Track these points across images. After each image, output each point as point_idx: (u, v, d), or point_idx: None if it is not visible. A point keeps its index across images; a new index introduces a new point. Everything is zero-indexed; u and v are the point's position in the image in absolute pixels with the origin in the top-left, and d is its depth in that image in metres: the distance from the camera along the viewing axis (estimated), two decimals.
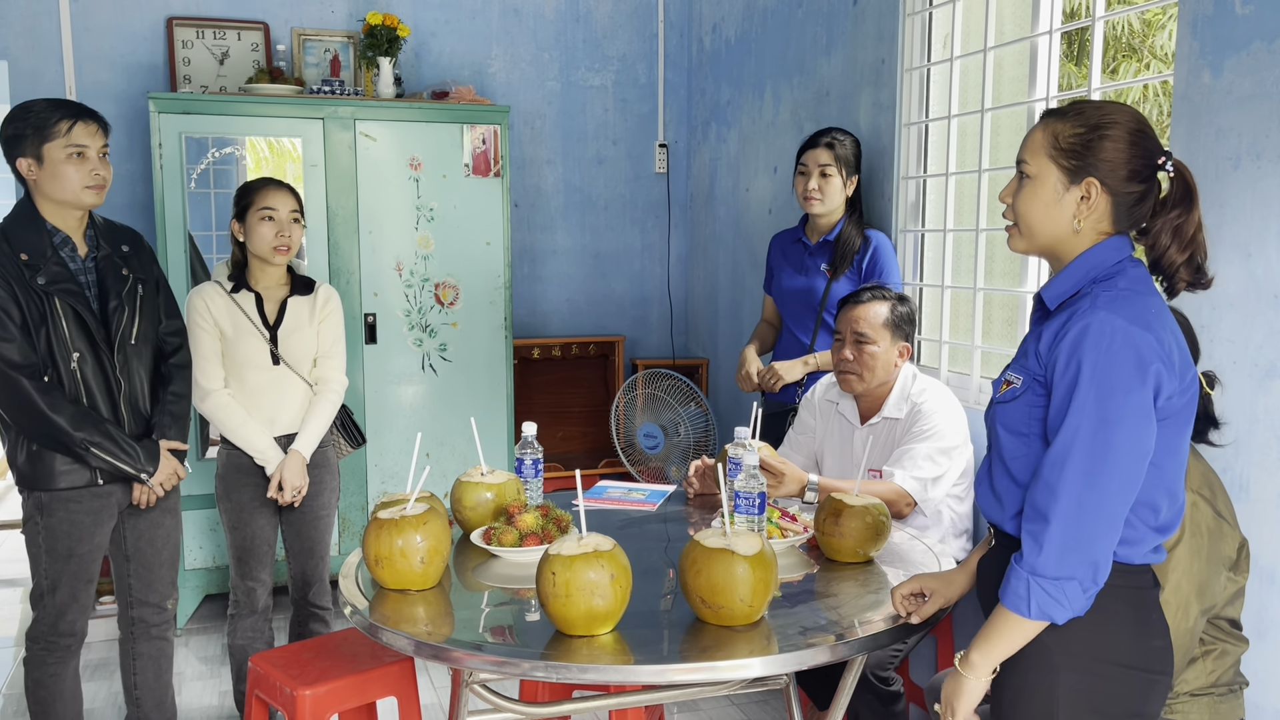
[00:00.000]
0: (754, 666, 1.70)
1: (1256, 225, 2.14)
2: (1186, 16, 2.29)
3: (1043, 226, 1.61)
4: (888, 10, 3.36)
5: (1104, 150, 1.56)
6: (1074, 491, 1.48)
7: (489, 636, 1.86)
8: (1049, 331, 1.58)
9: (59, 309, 2.46)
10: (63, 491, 2.50)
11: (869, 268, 3.14)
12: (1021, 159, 1.64)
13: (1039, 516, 1.52)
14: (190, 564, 3.99)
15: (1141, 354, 1.48)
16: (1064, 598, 1.49)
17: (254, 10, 4.36)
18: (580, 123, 4.95)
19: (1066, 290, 1.60)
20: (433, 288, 4.19)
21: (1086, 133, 1.57)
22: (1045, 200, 1.60)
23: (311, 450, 2.94)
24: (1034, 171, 1.61)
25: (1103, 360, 1.48)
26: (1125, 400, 1.47)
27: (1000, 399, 1.65)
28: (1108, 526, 1.49)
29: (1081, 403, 1.49)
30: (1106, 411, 1.47)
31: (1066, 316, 1.55)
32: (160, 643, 2.78)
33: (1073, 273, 1.60)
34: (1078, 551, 1.48)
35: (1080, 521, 1.48)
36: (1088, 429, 1.48)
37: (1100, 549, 1.49)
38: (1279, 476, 2.12)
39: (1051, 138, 1.59)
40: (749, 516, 2.10)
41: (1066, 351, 1.51)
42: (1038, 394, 1.58)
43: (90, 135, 2.50)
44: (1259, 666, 2.15)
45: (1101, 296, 1.53)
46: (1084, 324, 1.50)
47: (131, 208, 4.21)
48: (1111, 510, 1.49)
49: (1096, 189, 1.57)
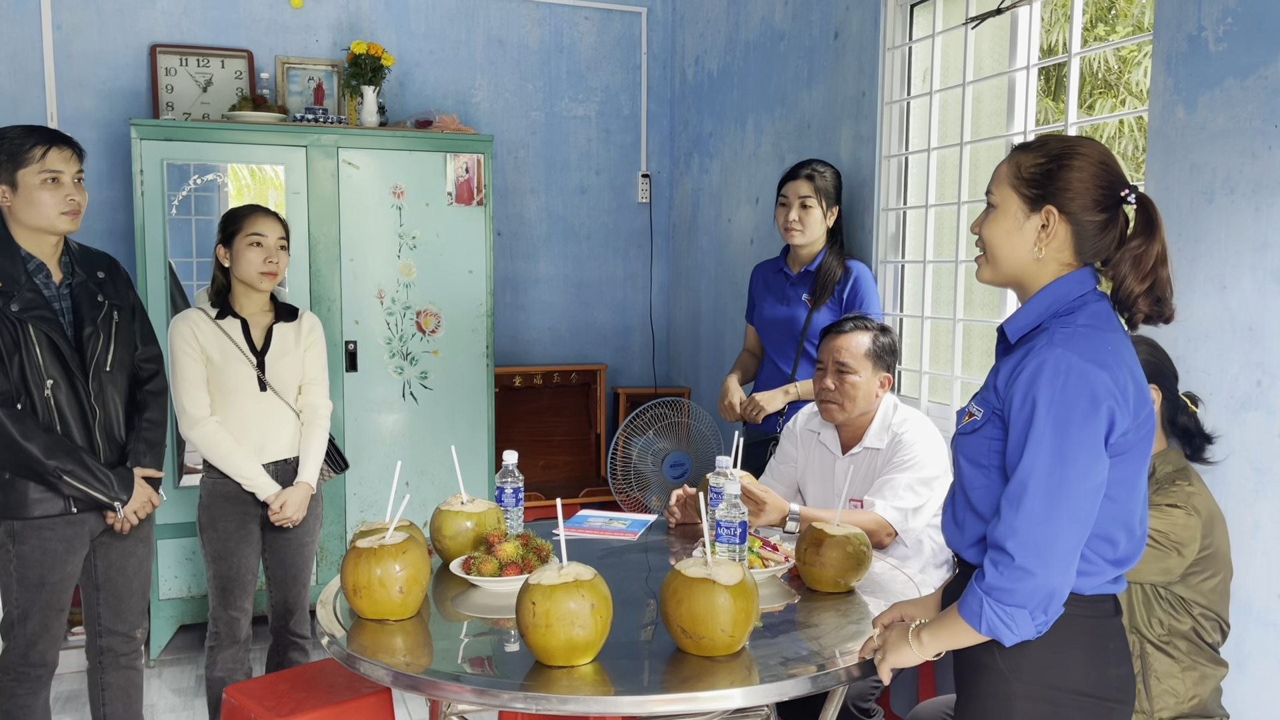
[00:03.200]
0: (735, 697, 1.69)
1: (1230, 258, 2.17)
2: (1161, 53, 2.33)
3: (1005, 255, 1.64)
4: (868, 45, 3.40)
5: (1063, 179, 1.59)
6: (1030, 526, 1.50)
7: (468, 667, 1.84)
8: (1006, 367, 1.61)
9: (33, 336, 2.44)
10: (36, 520, 2.47)
11: (850, 298, 3.16)
12: (989, 189, 1.67)
13: (996, 547, 1.54)
14: (165, 594, 3.94)
15: (1095, 392, 1.50)
16: (1013, 623, 1.52)
17: (238, 39, 4.38)
18: (563, 152, 4.98)
19: (1028, 324, 1.63)
20: (414, 316, 4.18)
21: (1047, 162, 1.60)
22: (1007, 228, 1.63)
23: (316, 479, 2.93)
24: (997, 200, 1.65)
25: (1057, 398, 1.50)
26: (1079, 437, 1.50)
27: (962, 430, 1.68)
28: (1062, 560, 1.51)
29: (1037, 439, 1.51)
30: (1061, 448, 1.50)
31: (1024, 352, 1.58)
32: (129, 672, 2.74)
33: (1034, 306, 1.63)
34: (1031, 583, 1.50)
35: (1035, 555, 1.50)
36: (1043, 465, 1.50)
37: (1054, 581, 1.51)
38: (1255, 507, 2.13)
39: (1015, 168, 1.63)
40: (730, 546, 2.10)
41: (1022, 388, 1.54)
42: (996, 427, 1.61)
43: (65, 161, 2.48)
44: (1239, 698, 2.16)
45: (1059, 333, 1.55)
46: (1039, 361, 1.53)
47: (112, 234, 4.20)
48: (1066, 544, 1.51)
49: (1055, 217, 1.59)
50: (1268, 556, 2.11)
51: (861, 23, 3.43)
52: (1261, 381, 2.11)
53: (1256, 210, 2.11)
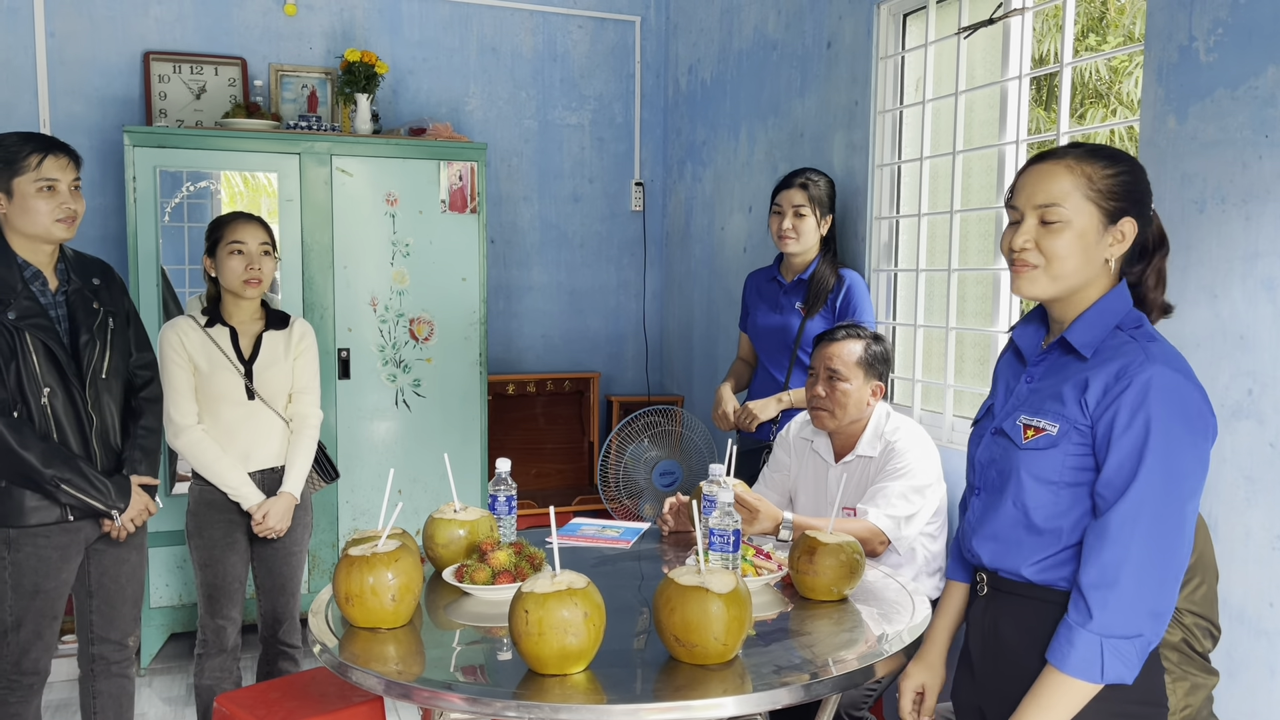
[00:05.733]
0: (728, 706, 1.69)
1: (1221, 268, 2.18)
2: (1152, 64, 2.34)
3: (1076, 268, 1.57)
4: (861, 54, 3.42)
5: (1139, 191, 1.58)
6: (1148, 550, 1.47)
7: (460, 676, 1.84)
8: (1098, 382, 1.53)
9: (29, 344, 2.43)
10: (32, 528, 2.46)
11: (843, 306, 3.17)
12: (1050, 203, 1.56)
13: (1108, 576, 1.48)
14: (156, 601, 3.93)
15: (1201, 409, 1.50)
16: (1134, 655, 1.48)
17: (232, 46, 4.38)
18: (557, 160, 4.99)
19: (1099, 337, 1.58)
20: (407, 323, 4.18)
21: (1125, 173, 1.57)
22: (1086, 242, 1.56)
23: (300, 489, 2.92)
24: (1069, 216, 1.55)
25: (1171, 418, 1.47)
26: (1192, 456, 1.48)
27: (1029, 445, 1.60)
28: (1174, 580, 1.49)
29: (1152, 461, 1.47)
30: (1178, 469, 1.47)
31: (1118, 368, 1.52)
32: (121, 680, 2.72)
33: (1099, 318, 1.58)
34: (1149, 607, 1.47)
35: (1153, 578, 1.47)
36: (1159, 487, 1.47)
37: (1167, 602, 1.49)
38: (1247, 515, 2.14)
39: (1086, 180, 1.55)
40: (723, 554, 2.10)
41: (1130, 407, 1.49)
42: (1077, 444, 1.55)
43: (61, 168, 2.48)
44: (1230, 707, 2.16)
45: (1150, 348, 1.52)
46: (1146, 378, 1.49)
47: (105, 241, 4.19)
48: (1179, 564, 1.49)
49: (1132, 228, 1.57)
50: (1260, 565, 2.12)
51: (854, 32, 3.45)
52: (1252, 390, 2.12)
53: (1247, 220, 2.12)
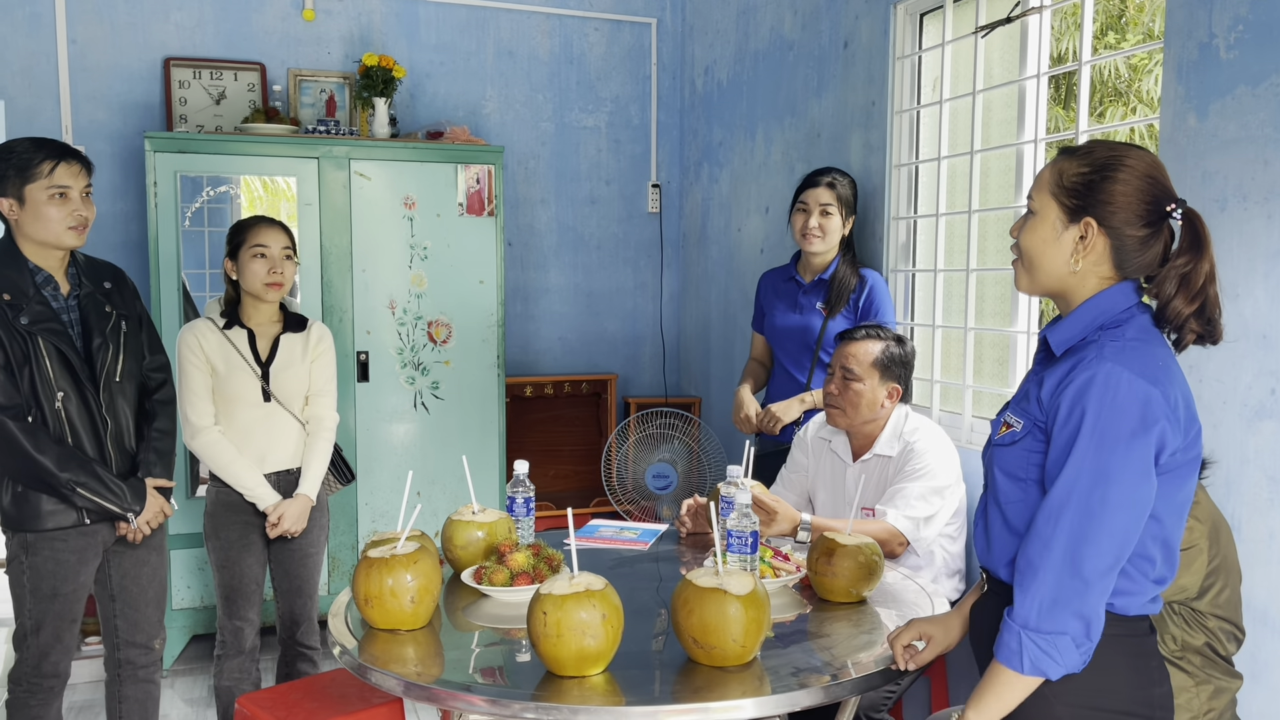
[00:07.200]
0: (746, 708, 1.69)
1: (1243, 266, 2.16)
2: (1172, 61, 2.32)
3: (1042, 265, 1.58)
4: (877, 54, 3.41)
5: (1105, 191, 1.53)
6: (1066, 545, 1.46)
7: (479, 677, 1.84)
8: (1052, 378, 1.54)
9: (43, 348, 2.45)
10: (48, 531, 2.48)
11: (865, 306, 3.15)
12: (1030, 194, 1.61)
13: (1030, 568, 1.49)
14: (177, 604, 3.95)
15: (1147, 409, 1.44)
16: (1057, 653, 1.46)
17: (251, 51, 4.40)
18: (574, 163, 4.99)
19: (1073, 336, 1.57)
20: (425, 326, 4.20)
21: (1091, 172, 1.54)
22: (1044, 237, 1.57)
23: (316, 491, 2.93)
24: (1036, 207, 1.59)
25: (1106, 413, 1.45)
26: (1125, 456, 1.44)
27: (999, 441, 1.62)
28: (1099, 582, 1.46)
29: (1080, 455, 1.46)
30: (1105, 466, 1.44)
31: (1072, 364, 1.52)
32: (147, 685, 2.74)
33: (1080, 318, 1.57)
34: (1068, 606, 1.46)
35: (1072, 575, 1.45)
36: (1085, 483, 1.45)
37: (1091, 604, 1.46)
38: (1270, 516, 2.12)
39: (1057, 174, 1.57)
40: (741, 556, 2.09)
41: (1069, 401, 1.48)
42: (1037, 439, 1.55)
43: (73, 176, 2.48)
44: (1254, 709, 2.14)
45: (1109, 346, 1.49)
46: (1089, 374, 1.47)
47: (125, 246, 4.22)
48: (1103, 565, 1.46)
49: (1094, 229, 1.53)
50: None
51: (871, 32, 3.44)
52: (1276, 390, 2.10)
53: (1269, 218, 2.11)
